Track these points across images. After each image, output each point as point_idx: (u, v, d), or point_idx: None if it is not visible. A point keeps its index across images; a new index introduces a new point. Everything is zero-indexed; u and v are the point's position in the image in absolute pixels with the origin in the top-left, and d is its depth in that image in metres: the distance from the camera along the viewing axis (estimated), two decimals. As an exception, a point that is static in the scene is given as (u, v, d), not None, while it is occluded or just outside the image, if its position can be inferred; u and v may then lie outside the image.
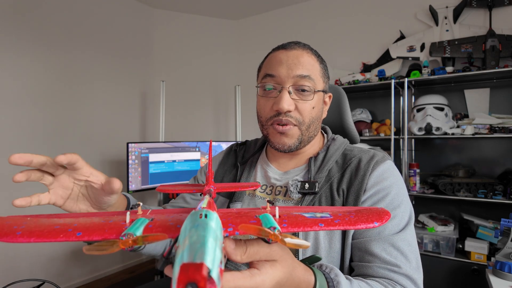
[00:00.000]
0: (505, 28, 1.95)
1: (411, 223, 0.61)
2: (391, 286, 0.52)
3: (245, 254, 0.34)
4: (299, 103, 0.63)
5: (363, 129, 2.23)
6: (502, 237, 1.27)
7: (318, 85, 0.65)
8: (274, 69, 0.64)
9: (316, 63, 0.66)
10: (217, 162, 0.84)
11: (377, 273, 0.55)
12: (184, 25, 2.98)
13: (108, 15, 2.52)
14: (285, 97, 0.62)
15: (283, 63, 0.63)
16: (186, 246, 0.24)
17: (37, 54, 2.07)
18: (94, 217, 0.38)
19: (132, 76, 2.71)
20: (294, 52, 0.64)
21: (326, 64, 0.71)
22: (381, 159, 0.65)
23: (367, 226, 0.35)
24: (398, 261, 0.55)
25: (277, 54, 0.65)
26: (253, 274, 0.34)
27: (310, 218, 0.36)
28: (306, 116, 0.64)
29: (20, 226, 0.34)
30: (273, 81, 0.64)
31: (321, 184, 0.65)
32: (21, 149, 1.98)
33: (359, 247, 0.58)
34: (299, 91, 0.63)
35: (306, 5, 2.76)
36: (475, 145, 2.06)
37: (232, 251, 0.33)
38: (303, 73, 0.62)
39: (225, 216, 0.36)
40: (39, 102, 2.08)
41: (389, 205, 0.60)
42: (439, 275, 1.81)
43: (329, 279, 0.44)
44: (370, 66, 2.40)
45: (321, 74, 0.66)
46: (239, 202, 0.71)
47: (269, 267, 0.35)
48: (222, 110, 3.10)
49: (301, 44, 0.67)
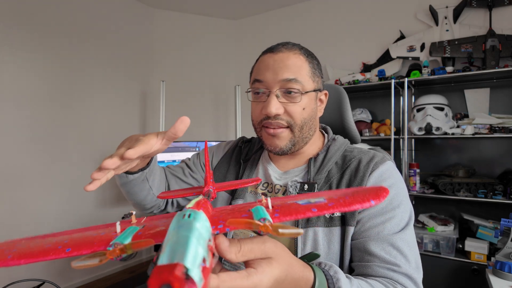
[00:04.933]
0: (505, 28, 1.96)
1: (411, 224, 0.60)
2: (391, 285, 0.52)
3: (239, 252, 0.33)
4: (288, 105, 0.64)
5: (363, 129, 2.23)
6: (502, 237, 1.27)
7: (307, 86, 0.65)
8: (261, 74, 0.65)
9: (304, 63, 0.65)
10: (222, 151, 0.85)
11: (377, 273, 0.54)
12: (184, 25, 2.98)
13: (108, 15, 2.51)
14: (273, 102, 0.62)
15: (270, 67, 0.64)
16: (166, 248, 0.24)
17: (37, 54, 2.07)
18: (87, 231, 0.38)
19: (132, 76, 2.71)
20: (280, 55, 0.64)
21: (318, 62, 0.70)
22: (380, 160, 0.65)
23: (363, 206, 0.33)
24: (397, 260, 0.55)
25: (265, 58, 0.66)
26: (250, 274, 0.33)
27: (303, 205, 0.34)
28: (296, 118, 0.64)
29: (12, 250, 0.34)
30: (262, 85, 0.65)
31: (320, 185, 0.65)
32: (21, 149, 1.98)
33: (358, 247, 0.58)
34: (287, 94, 0.63)
35: (306, 5, 2.76)
36: (475, 145, 2.06)
37: (226, 249, 0.32)
38: (289, 76, 0.62)
39: (217, 214, 0.35)
40: (39, 102, 2.08)
41: (388, 205, 0.60)
42: (439, 275, 1.81)
43: (329, 276, 0.43)
44: (370, 66, 2.40)
45: (310, 74, 0.66)
46: (241, 199, 0.71)
47: (266, 265, 0.34)
48: (222, 110, 3.10)
49: (289, 45, 0.66)
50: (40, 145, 2.07)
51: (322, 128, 0.79)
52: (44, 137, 2.10)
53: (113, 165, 0.40)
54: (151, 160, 0.64)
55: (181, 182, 0.81)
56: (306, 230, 0.61)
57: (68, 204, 2.24)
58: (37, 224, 2.06)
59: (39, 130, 2.08)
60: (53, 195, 2.15)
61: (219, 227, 0.32)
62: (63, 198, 2.21)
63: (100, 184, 0.43)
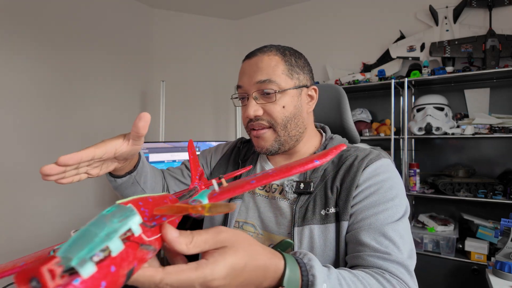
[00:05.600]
0: (505, 28, 1.95)
1: (405, 218, 0.59)
2: (378, 274, 0.49)
3: (191, 243, 0.31)
4: (266, 106, 0.66)
5: (363, 129, 2.23)
6: (502, 237, 1.27)
7: (284, 84, 0.65)
8: (240, 80, 0.68)
9: (279, 63, 0.66)
10: (220, 152, 0.86)
11: (367, 262, 0.53)
12: (184, 25, 2.98)
13: (107, 15, 2.52)
14: (251, 105, 0.65)
15: (246, 72, 0.67)
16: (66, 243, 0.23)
17: (37, 54, 2.07)
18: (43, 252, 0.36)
19: (132, 76, 2.71)
20: (254, 60, 0.67)
21: (299, 59, 0.69)
22: (376, 156, 0.64)
23: (306, 167, 0.31)
24: (388, 249, 0.53)
25: (243, 65, 0.69)
26: (200, 265, 0.31)
27: (243, 179, 0.33)
28: (277, 117, 0.65)
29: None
30: (241, 90, 0.68)
31: (316, 183, 0.65)
32: (21, 149, 1.98)
33: (351, 239, 0.57)
34: (264, 95, 0.65)
35: (306, 5, 2.76)
36: (475, 145, 2.06)
37: (173, 240, 0.30)
38: (262, 78, 0.64)
39: (157, 204, 0.33)
40: (38, 102, 2.08)
41: (382, 198, 0.59)
42: (439, 275, 1.81)
43: (302, 264, 0.40)
44: (370, 66, 2.40)
45: (286, 72, 0.66)
46: (239, 199, 0.72)
47: (218, 255, 0.32)
48: (222, 110, 3.10)
49: (265, 49, 0.68)
50: (40, 146, 2.07)
51: (321, 127, 0.79)
52: (44, 138, 2.10)
53: (49, 171, 0.38)
54: (139, 163, 0.64)
55: (180, 184, 0.81)
56: (302, 228, 0.61)
57: (68, 204, 2.24)
58: (37, 224, 2.06)
59: (39, 131, 2.08)
60: (53, 195, 2.15)
61: (156, 218, 0.30)
62: (63, 198, 2.21)
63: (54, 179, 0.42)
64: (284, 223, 0.64)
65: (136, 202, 0.30)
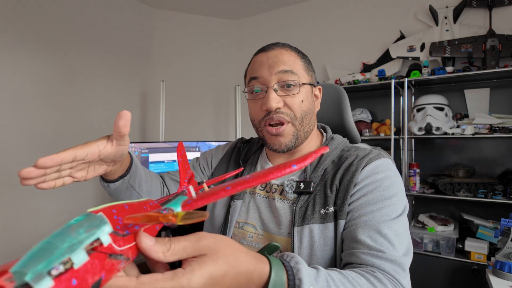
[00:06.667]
0: (505, 28, 1.95)
1: (403, 217, 0.58)
2: (369, 274, 0.48)
3: (169, 251, 0.30)
4: (287, 98, 0.64)
5: (363, 129, 2.23)
6: (502, 237, 1.27)
7: (303, 79, 0.66)
8: (257, 71, 0.66)
9: (296, 58, 0.67)
10: (220, 153, 0.86)
11: (360, 259, 0.52)
12: (184, 25, 2.98)
13: (108, 15, 2.51)
14: (272, 96, 0.63)
15: (264, 64, 0.65)
16: (24, 257, 0.22)
17: (37, 54, 2.07)
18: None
19: (132, 76, 2.71)
20: (273, 52, 0.66)
21: (308, 59, 0.72)
22: (375, 156, 0.64)
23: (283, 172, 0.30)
24: (383, 247, 0.52)
25: (258, 57, 0.68)
26: (176, 274, 0.30)
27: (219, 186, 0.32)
28: (296, 110, 0.65)
29: None
30: (258, 82, 0.66)
31: (316, 183, 0.65)
32: (21, 149, 1.98)
33: (347, 236, 0.57)
34: (284, 87, 0.64)
35: (306, 5, 2.76)
36: (475, 145, 2.06)
37: (148, 248, 0.29)
38: (285, 68, 0.64)
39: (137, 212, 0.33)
40: (39, 102, 2.08)
41: (379, 196, 0.58)
42: (439, 275, 1.81)
43: (288, 267, 0.39)
44: (370, 66, 2.40)
45: (303, 68, 0.67)
46: (240, 200, 0.72)
47: (196, 264, 0.31)
48: (222, 110, 3.10)
49: (280, 44, 0.68)
50: (40, 146, 2.07)
51: (321, 127, 0.79)
52: (44, 138, 2.10)
53: (27, 175, 0.36)
54: (131, 167, 0.62)
55: None
56: (302, 227, 0.61)
57: (68, 204, 2.24)
58: (37, 224, 2.06)
59: (39, 131, 2.08)
60: (52, 195, 2.15)
61: (129, 226, 0.29)
62: (63, 198, 2.21)
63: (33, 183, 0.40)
64: (284, 223, 0.64)
65: (109, 210, 0.30)
